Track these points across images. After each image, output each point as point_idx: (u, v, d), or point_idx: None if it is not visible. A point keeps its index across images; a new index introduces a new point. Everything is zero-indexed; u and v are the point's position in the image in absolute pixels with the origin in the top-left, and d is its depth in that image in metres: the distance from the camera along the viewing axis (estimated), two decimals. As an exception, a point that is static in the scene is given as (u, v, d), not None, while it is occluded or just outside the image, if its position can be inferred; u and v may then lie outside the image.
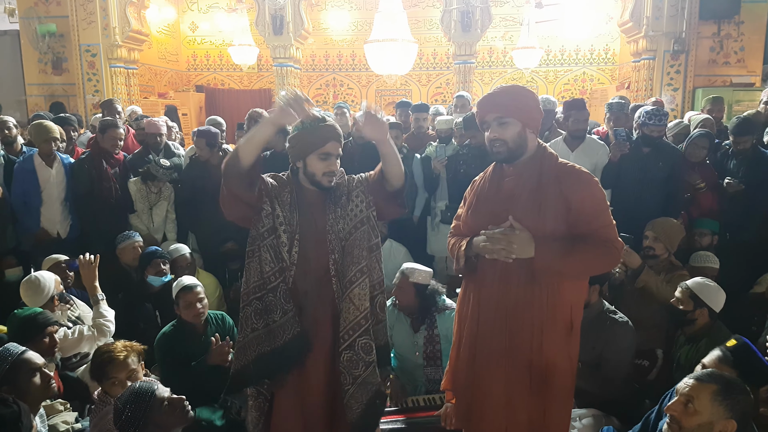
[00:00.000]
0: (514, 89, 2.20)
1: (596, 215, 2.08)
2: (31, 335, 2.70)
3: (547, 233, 2.04)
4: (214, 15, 11.55)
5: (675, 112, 7.75)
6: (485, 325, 2.21)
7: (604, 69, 11.42)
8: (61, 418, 2.68)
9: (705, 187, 4.29)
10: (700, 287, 3.04)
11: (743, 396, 1.88)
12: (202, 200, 4.58)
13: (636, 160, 4.19)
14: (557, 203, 2.06)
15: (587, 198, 2.07)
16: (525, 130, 2.13)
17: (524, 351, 2.13)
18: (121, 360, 2.49)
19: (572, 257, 2.02)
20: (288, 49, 8.77)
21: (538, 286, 2.09)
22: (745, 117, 4.43)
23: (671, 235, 3.64)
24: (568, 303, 2.14)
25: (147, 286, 3.87)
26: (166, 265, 3.90)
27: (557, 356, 2.14)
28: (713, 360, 2.32)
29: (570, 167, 2.16)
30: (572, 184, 2.08)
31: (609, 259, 2.10)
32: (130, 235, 4.23)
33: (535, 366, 2.13)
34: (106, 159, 4.59)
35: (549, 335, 2.12)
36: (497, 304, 2.16)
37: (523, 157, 2.15)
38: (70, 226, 4.63)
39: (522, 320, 2.13)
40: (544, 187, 2.08)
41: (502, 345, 2.16)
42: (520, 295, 2.12)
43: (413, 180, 4.91)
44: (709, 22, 7.75)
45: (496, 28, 10.81)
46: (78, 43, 8.37)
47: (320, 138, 2.25)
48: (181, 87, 11.70)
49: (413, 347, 3.34)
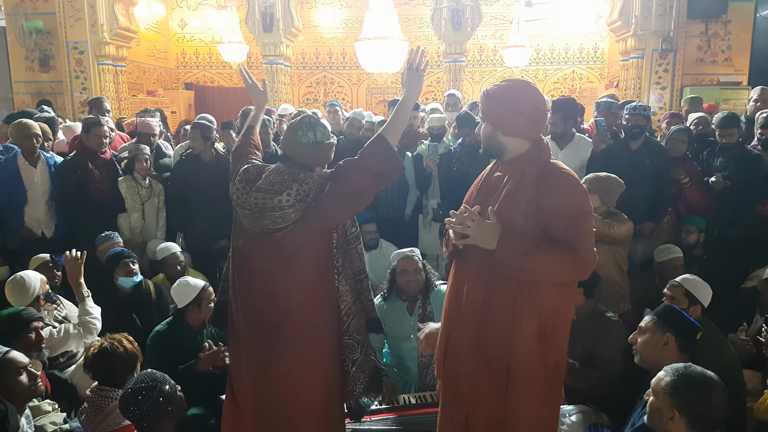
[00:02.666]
0: (497, 93, 2.16)
1: (570, 224, 2.03)
2: (17, 331, 2.68)
3: (517, 232, 2.04)
4: (204, 12, 11.49)
5: (663, 110, 7.81)
6: (456, 317, 2.25)
7: (593, 68, 11.48)
8: (49, 419, 2.65)
9: (689, 182, 4.34)
10: (692, 284, 3.08)
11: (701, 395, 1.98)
12: (192, 197, 4.56)
13: (624, 157, 4.23)
14: (529, 207, 2.05)
15: (560, 206, 2.03)
16: (495, 133, 2.14)
17: (489, 347, 2.14)
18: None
19: (534, 257, 1.99)
20: (278, 47, 8.75)
21: (510, 285, 2.08)
22: (730, 111, 4.52)
23: (606, 188, 3.60)
24: (543, 308, 2.09)
25: (118, 291, 3.71)
26: (135, 264, 3.77)
27: (525, 358, 2.11)
28: (647, 324, 2.51)
29: (553, 171, 2.11)
30: (547, 190, 2.04)
31: (574, 269, 2.05)
32: (110, 236, 4.18)
33: (495, 363, 2.13)
34: (92, 159, 4.51)
35: (516, 336, 2.09)
36: (469, 298, 2.18)
37: (507, 157, 2.16)
38: (55, 225, 4.58)
39: (491, 317, 2.12)
40: (522, 189, 2.08)
41: (469, 338, 2.18)
42: (491, 291, 2.12)
43: (404, 178, 4.92)
44: (697, 21, 7.81)
45: (486, 26, 10.82)
46: (65, 40, 8.29)
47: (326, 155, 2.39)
48: (170, 85, 11.62)
49: (409, 330, 3.36)
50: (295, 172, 2.28)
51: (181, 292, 3.25)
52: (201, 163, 4.62)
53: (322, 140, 2.33)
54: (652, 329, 2.48)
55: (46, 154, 4.59)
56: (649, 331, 2.49)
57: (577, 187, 2.10)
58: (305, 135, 2.31)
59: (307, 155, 2.31)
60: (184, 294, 3.23)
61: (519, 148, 2.14)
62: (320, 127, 2.34)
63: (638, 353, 2.53)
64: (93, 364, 2.54)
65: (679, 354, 2.40)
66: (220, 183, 4.48)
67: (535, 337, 2.11)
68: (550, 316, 2.11)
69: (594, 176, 3.64)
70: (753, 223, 4.40)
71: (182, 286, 3.28)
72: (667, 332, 2.43)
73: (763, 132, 4.48)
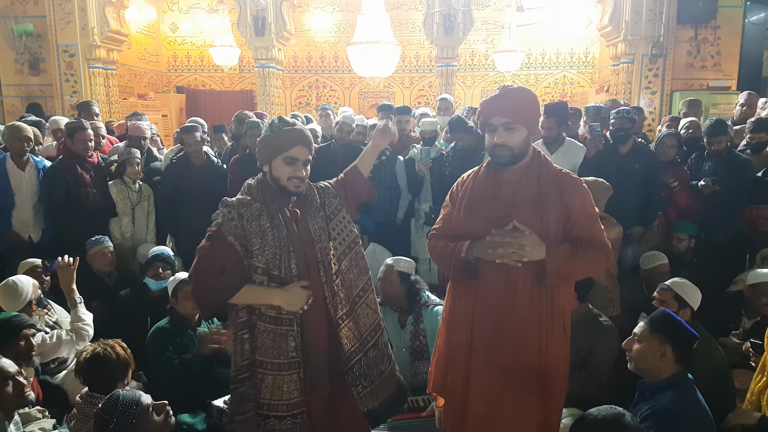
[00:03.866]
0: (523, 94, 2.16)
1: (593, 222, 2.14)
2: (7, 338, 2.65)
3: (549, 239, 2.06)
4: (195, 15, 11.45)
5: (653, 115, 7.87)
6: (483, 332, 2.19)
7: (584, 72, 11.54)
8: (39, 425, 2.62)
9: (678, 186, 4.37)
10: (682, 288, 3.11)
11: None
12: (183, 201, 4.54)
13: (613, 161, 4.26)
14: (557, 211, 2.09)
15: (583, 207, 2.12)
16: (529, 137, 2.15)
17: (530, 357, 2.13)
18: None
19: (578, 260, 2.05)
20: (270, 51, 8.73)
21: (542, 292, 2.11)
22: (718, 118, 4.55)
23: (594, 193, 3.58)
24: (562, 307, 2.18)
25: (146, 289, 3.84)
26: (167, 270, 3.86)
27: (557, 360, 2.17)
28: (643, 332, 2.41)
29: (566, 174, 2.19)
30: (571, 191, 2.12)
31: (604, 262, 2.16)
32: (101, 240, 4.17)
33: (541, 372, 2.15)
34: (80, 163, 4.46)
35: (552, 340, 2.15)
36: (501, 311, 2.14)
37: (522, 161, 2.15)
38: (42, 230, 4.54)
39: (528, 327, 2.12)
40: (545, 194, 2.09)
41: (504, 354, 2.15)
42: (525, 301, 2.11)
43: (396, 182, 4.92)
44: (687, 27, 7.88)
45: (477, 31, 10.86)
46: (56, 43, 8.24)
47: (286, 141, 2.24)
48: (162, 88, 11.58)
49: (400, 344, 3.38)
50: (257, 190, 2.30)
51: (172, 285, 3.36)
52: (192, 167, 4.61)
53: (260, 137, 2.32)
54: (649, 339, 2.37)
55: (36, 158, 4.55)
56: (646, 341, 2.38)
57: (587, 188, 2.20)
58: (264, 130, 2.34)
59: (262, 148, 2.29)
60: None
61: (530, 152, 2.18)
62: (278, 120, 2.29)
63: (633, 361, 2.44)
64: (84, 369, 2.52)
65: (675, 365, 2.33)
66: (212, 187, 4.48)
67: (562, 337, 2.19)
68: (566, 313, 2.21)
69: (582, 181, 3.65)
70: (741, 227, 4.44)
71: (174, 280, 3.39)
72: (665, 344, 2.32)
73: (752, 136, 4.53)
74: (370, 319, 2.41)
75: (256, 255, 2.21)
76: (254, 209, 2.23)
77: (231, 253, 2.20)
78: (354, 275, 2.40)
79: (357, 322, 2.39)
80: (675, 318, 2.45)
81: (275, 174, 2.27)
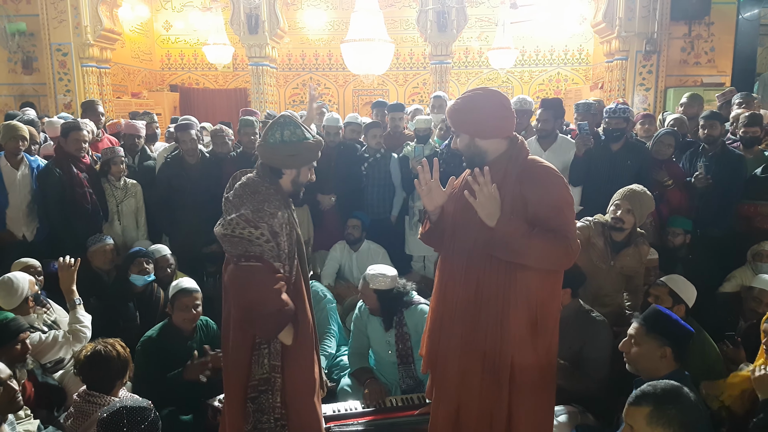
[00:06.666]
0: (463, 105, 2.23)
1: (556, 214, 2.11)
2: (4, 342, 2.61)
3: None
4: (189, 14, 11.42)
5: (647, 111, 7.88)
6: (445, 314, 2.29)
7: (578, 69, 11.56)
8: (23, 427, 2.59)
9: (672, 184, 4.38)
10: (676, 283, 3.12)
11: (677, 408, 1.88)
12: (178, 201, 4.52)
13: (605, 158, 4.27)
14: (515, 202, 2.13)
15: (545, 196, 2.12)
16: (473, 140, 2.21)
17: (482, 339, 2.19)
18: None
19: (532, 239, 2.05)
20: (263, 48, 8.72)
21: (500, 277, 2.14)
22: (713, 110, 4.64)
23: (644, 209, 3.52)
24: (533, 299, 2.16)
25: (129, 285, 3.82)
26: (150, 264, 3.85)
27: (518, 350, 2.17)
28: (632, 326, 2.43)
29: (535, 166, 2.20)
30: (531, 183, 2.13)
31: (564, 255, 2.11)
32: (101, 237, 4.16)
33: (489, 357, 2.18)
34: (74, 163, 4.40)
35: (510, 327, 2.15)
36: (459, 294, 2.23)
37: (489, 159, 2.21)
38: (36, 229, 4.52)
39: (482, 311, 2.18)
40: (506, 186, 2.14)
41: (460, 334, 2.23)
42: (481, 285, 2.17)
43: (390, 180, 4.92)
44: (680, 23, 7.90)
45: (471, 28, 10.87)
46: (49, 42, 8.21)
47: (317, 150, 2.35)
48: (155, 86, 11.55)
49: (386, 346, 3.37)
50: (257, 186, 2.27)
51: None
52: (186, 165, 4.59)
53: (291, 140, 2.27)
54: (647, 340, 2.37)
55: (30, 157, 4.52)
56: (644, 343, 2.37)
57: (558, 178, 2.19)
58: (273, 135, 2.29)
59: (274, 156, 2.29)
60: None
61: (499, 148, 2.22)
62: (291, 127, 2.28)
63: (632, 363, 2.43)
64: (84, 368, 2.50)
65: (675, 363, 2.35)
66: (206, 185, 4.46)
67: (526, 328, 2.17)
68: (539, 307, 2.18)
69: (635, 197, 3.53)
70: (735, 224, 4.45)
71: (173, 288, 3.31)
72: (664, 345, 2.34)
73: (746, 130, 4.54)
74: None
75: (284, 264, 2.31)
76: (280, 218, 2.26)
77: (285, 279, 2.27)
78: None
79: None
80: (670, 316, 2.44)
81: (301, 179, 2.35)
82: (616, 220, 3.38)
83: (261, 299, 2.15)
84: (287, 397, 2.38)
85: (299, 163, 2.31)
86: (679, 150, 4.68)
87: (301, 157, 2.30)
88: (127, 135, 5.06)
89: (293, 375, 2.38)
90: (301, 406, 2.41)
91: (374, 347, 3.46)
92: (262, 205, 2.20)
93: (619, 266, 3.43)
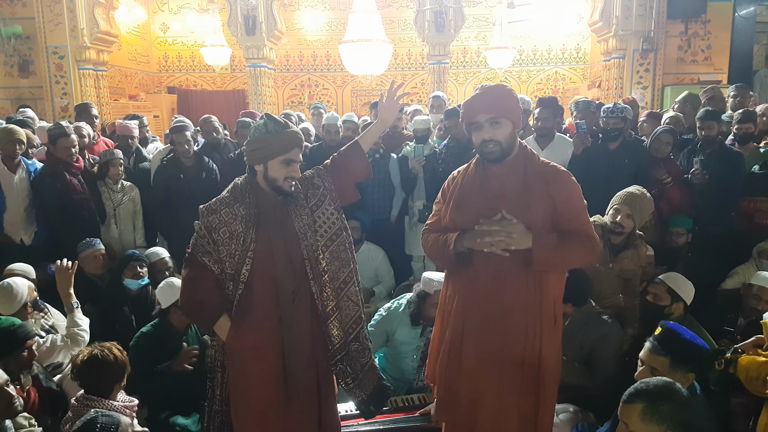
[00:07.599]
0: (502, 89, 2.22)
1: (579, 214, 2.17)
2: (11, 349, 2.56)
3: (536, 229, 2.10)
4: (186, 15, 11.39)
5: (645, 109, 7.88)
6: (475, 322, 2.23)
7: (575, 68, 11.57)
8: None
9: (671, 182, 4.38)
10: (674, 281, 3.11)
11: (670, 405, 1.89)
12: (176, 202, 4.51)
13: (603, 156, 4.27)
14: (544, 202, 2.13)
15: (571, 197, 2.15)
16: (515, 130, 2.20)
17: (518, 348, 2.17)
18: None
19: (564, 249, 2.09)
20: (261, 50, 8.72)
21: (530, 282, 2.14)
22: (711, 108, 4.60)
23: (644, 212, 3.52)
24: (552, 297, 2.21)
25: (124, 290, 3.79)
26: (143, 268, 3.84)
27: (548, 351, 2.19)
28: (647, 353, 2.35)
29: (553, 167, 2.23)
30: (558, 184, 2.15)
31: (591, 253, 2.18)
32: (92, 243, 4.11)
33: (527, 363, 2.18)
34: (66, 169, 4.35)
35: (543, 330, 2.17)
36: (491, 300, 2.18)
37: (510, 156, 2.19)
38: (34, 232, 4.49)
39: (515, 317, 2.16)
40: (531, 186, 2.14)
41: (493, 343, 2.19)
42: (513, 291, 2.16)
43: (390, 180, 4.91)
44: (677, 21, 7.91)
45: (469, 28, 10.86)
46: (45, 45, 8.18)
47: (285, 144, 2.23)
48: (153, 89, 11.53)
49: (414, 351, 3.43)
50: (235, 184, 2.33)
51: (166, 293, 3.25)
52: (182, 167, 4.58)
53: (254, 135, 2.26)
54: (671, 373, 2.22)
55: (27, 160, 4.50)
56: (668, 375, 2.18)
57: (575, 180, 2.23)
58: (258, 129, 2.27)
59: (245, 155, 2.30)
60: (168, 294, 3.21)
61: (517, 146, 2.23)
62: (261, 124, 2.26)
63: None
64: (82, 371, 2.49)
65: (692, 381, 2.31)
66: (203, 187, 4.45)
67: (552, 327, 2.21)
68: (556, 303, 2.23)
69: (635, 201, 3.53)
70: (733, 221, 4.45)
71: (167, 286, 3.29)
72: (689, 373, 2.27)
73: (740, 126, 4.55)
74: (352, 312, 2.41)
75: (224, 261, 2.26)
76: (224, 214, 2.26)
77: (209, 274, 2.28)
78: (335, 267, 2.38)
79: (340, 314, 2.40)
80: (682, 338, 2.32)
81: (271, 174, 2.25)
82: (615, 225, 3.39)
83: (182, 291, 2.35)
84: (231, 396, 2.38)
85: (262, 157, 2.23)
86: (676, 148, 4.68)
87: (263, 150, 2.23)
88: (120, 136, 5.03)
89: (237, 376, 2.34)
90: (243, 412, 2.36)
91: (398, 348, 3.50)
92: (215, 202, 2.30)
93: (618, 269, 3.43)
